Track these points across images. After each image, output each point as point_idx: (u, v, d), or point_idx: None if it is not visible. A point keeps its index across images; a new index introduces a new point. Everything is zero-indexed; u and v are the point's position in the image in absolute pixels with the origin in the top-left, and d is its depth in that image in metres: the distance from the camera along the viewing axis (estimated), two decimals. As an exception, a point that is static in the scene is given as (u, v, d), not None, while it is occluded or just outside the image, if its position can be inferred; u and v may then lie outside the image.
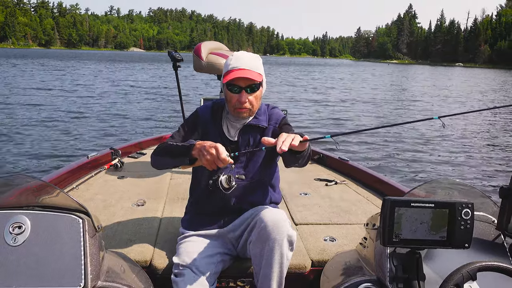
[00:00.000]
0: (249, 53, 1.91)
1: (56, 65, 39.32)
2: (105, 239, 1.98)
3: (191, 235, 1.91)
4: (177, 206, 2.71)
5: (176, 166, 1.87)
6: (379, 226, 1.29)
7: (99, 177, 3.35)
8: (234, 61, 1.82)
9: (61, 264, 1.26)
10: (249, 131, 1.92)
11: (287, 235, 1.69)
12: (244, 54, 1.87)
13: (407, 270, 1.34)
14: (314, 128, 11.05)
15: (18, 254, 1.25)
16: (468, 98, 21.35)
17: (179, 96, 3.83)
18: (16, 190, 1.51)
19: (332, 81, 31.28)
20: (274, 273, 1.70)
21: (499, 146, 9.75)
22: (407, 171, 7.35)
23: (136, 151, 4.17)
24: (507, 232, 1.45)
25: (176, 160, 1.78)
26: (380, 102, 18.00)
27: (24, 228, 1.28)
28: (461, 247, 1.25)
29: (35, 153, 7.54)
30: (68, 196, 1.44)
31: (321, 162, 3.88)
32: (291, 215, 2.60)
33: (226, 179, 1.77)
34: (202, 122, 1.96)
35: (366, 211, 2.69)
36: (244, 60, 1.82)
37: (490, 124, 12.97)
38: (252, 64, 1.82)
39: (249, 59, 1.84)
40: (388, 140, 9.74)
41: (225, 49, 3.62)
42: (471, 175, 7.28)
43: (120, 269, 1.51)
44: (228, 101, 1.86)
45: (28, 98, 14.87)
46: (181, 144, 1.77)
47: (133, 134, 9.58)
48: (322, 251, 2.11)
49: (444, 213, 1.25)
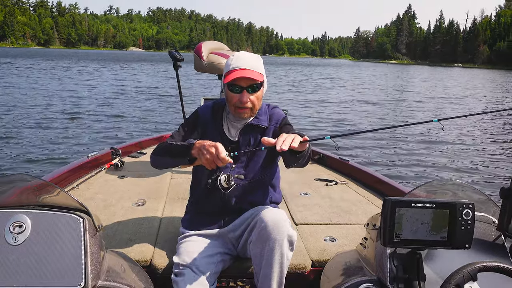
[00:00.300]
0: (250, 53, 1.91)
1: (55, 65, 39.26)
2: (105, 238, 1.98)
3: (191, 235, 1.91)
4: (177, 206, 2.71)
5: (176, 165, 1.87)
6: (379, 226, 1.29)
7: (99, 176, 3.35)
8: (235, 61, 1.81)
9: (62, 263, 1.26)
10: (249, 131, 1.92)
11: (287, 235, 1.69)
12: (245, 54, 1.87)
13: (407, 270, 1.34)
14: (314, 129, 11.05)
15: (18, 253, 1.25)
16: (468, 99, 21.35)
17: (180, 96, 3.83)
18: (16, 189, 1.51)
19: (331, 82, 31.27)
20: (274, 273, 1.70)
21: (499, 147, 9.76)
22: (408, 171, 7.36)
23: (137, 150, 4.17)
24: (507, 232, 1.45)
25: (176, 159, 1.77)
26: (380, 103, 17.99)
27: (24, 227, 1.28)
28: (462, 247, 1.25)
29: (35, 153, 7.54)
30: (69, 195, 1.44)
31: (321, 162, 3.88)
32: (291, 215, 2.60)
33: (225, 178, 1.77)
34: (202, 122, 1.96)
35: (366, 211, 2.69)
36: (245, 60, 1.82)
37: (490, 125, 12.98)
38: (253, 64, 1.82)
39: (250, 59, 1.84)
40: (389, 141, 9.74)
41: (226, 49, 3.63)
42: (471, 175, 7.29)
43: (120, 269, 1.51)
44: (229, 101, 1.86)
45: (28, 98, 14.85)
46: (180, 143, 1.77)
47: (134, 134, 9.58)
48: (323, 251, 2.11)
49: (444, 214, 1.25)
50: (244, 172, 1.91)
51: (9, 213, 1.30)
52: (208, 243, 1.87)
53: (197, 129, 1.94)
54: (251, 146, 1.92)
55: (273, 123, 1.95)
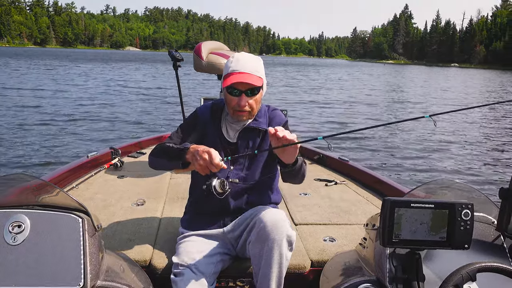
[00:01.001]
0: (250, 55, 1.89)
1: (53, 65, 39.11)
2: (104, 238, 1.98)
3: (190, 235, 1.91)
4: (176, 206, 2.71)
5: (171, 169, 1.86)
6: (378, 226, 1.29)
7: (98, 176, 3.34)
8: (235, 64, 1.80)
9: (61, 263, 1.26)
10: (248, 133, 1.92)
11: (286, 235, 1.69)
12: (245, 57, 1.85)
13: (406, 270, 1.34)
14: (309, 129, 11.02)
15: (17, 253, 1.24)
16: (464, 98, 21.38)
17: (179, 96, 3.83)
18: (16, 189, 1.50)
19: (328, 82, 31.26)
20: (273, 273, 1.70)
21: (499, 147, 9.80)
22: (407, 171, 7.38)
23: (136, 150, 4.17)
24: (506, 233, 1.45)
25: (171, 162, 1.78)
26: (376, 102, 18.02)
27: (23, 227, 1.28)
28: (461, 247, 1.25)
29: (35, 152, 7.52)
30: (68, 195, 1.44)
31: (321, 162, 3.88)
32: (291, 215, 2.60)
33: (220, 183, 1.74)
34: (201, 122, 1.95)
35: (365, 212, 2.69)
36: (245, 62, 1.80)
37: (489, 125, 13.01)
38: (253, 67, 1.80)
39: (250, 62, 1.82)
40: (387, 141, 9.76)
41: (226, 49, 3.63)
42: (471, 175, 7.31)
43: (119, 269, 1.51)
44: (228, 103, 1.85)
45: (27, 98, 14.80)
46: (176, 146, 1.77)
47: (133, 134, 9.57)
48: (322, 251, 2.11)
49: (444, 214, 1.25)
50: (243, 174, 1.91)
51: (8, 213, 1.30)
52: (208, 243, 1.87)
53: (196, 130, 1.94)
54: (249, 148, 1.91)
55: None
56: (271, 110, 2.00)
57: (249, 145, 1.92)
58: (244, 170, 1.92)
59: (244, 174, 1.91)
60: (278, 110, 2.02)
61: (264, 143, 1.93)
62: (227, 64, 1.84)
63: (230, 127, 1.94)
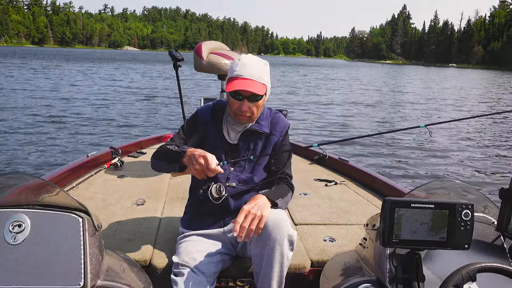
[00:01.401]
0: (256, 58, 1.85)
1: (51, 64, 39.02)
2: (104, 238, 1.98)
3: (190, 235, 1.91)
4: (176, 206, 2.70)
5: (170, 171, 1.85)
6: (379, 226, 1.29)
7: (99, 176, 3.34)
8: (240, 68, 1.77)
9: (61, 263, 1.26)
10: (249, 135, 1.91)
11: (288, 235, 1.68)
12: (251, 62, 1.81)
13: (406, 270, 1.34)
14: (306, 131, 10.95)
15: (17, 253, 1.24)
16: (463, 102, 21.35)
17: (180, 96, 3.82)
18: (16, 188, 1.50)
19: (327, 83, 31.24)
20: (275, 273, 1.70)
21: (499, 147, 9.81)
22: (407, 172, 7.39)
23: (136, 150, 4.17)
24: (506, 233, 1.45)
25: (170, 165, 1.78)
26: (375, 105, 17.88)
27: (24, 226, 1.28)
28: (461, 248, 1.25)
29: (35, 152, 7.51)
30: (68, 195, 1.44)
31: (321, 162, 3.88)
32: (291, 215, 2.60)
33: (216, 188, 1.74)
34: (202, 123, 1.94)
35: (365, 212, 2.70)
36: (251, 68, 1.77)
37: (489, 125, 13.01)
38: (258, 74, 1.78)
39: (256, 67, 1.79)
40: (387, 142, 9.72)
41: (226, 49, 3.63)
42: (471, 176, 7.32)
43: (119, 268, 1.51)
44: (230, 106, 1.85)
45: (27, 97, 14.77)
46: (175, 149, 1.77)
47: (133, 133, 9.56)
48: (322, 251, 2.11)
49: (444, 214, 1.25)
50: (244, 177, 1.91)
51: (9, 213, 1.29)
52: (208, 243, 1.87)
53: (197, 131, 1.93)
54: (250, 150, 1.91)
55: (276, 133, 1.94)
56: (274, 113, 1.99)
57: (250, 147, 1.91)
58: (245, 172, 1.92)
59: (245, 176, 1.91)
60: (280, 114, 2.01)
61: (265, 146, 1.93)
62: (232, 66, 1.82)
63: (231, 129, 1.93)
